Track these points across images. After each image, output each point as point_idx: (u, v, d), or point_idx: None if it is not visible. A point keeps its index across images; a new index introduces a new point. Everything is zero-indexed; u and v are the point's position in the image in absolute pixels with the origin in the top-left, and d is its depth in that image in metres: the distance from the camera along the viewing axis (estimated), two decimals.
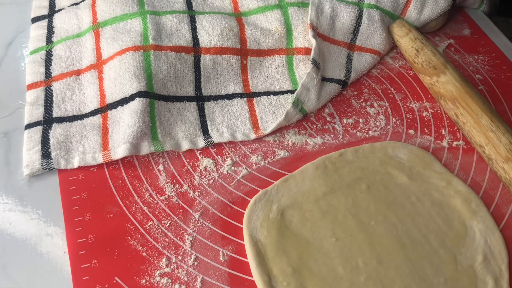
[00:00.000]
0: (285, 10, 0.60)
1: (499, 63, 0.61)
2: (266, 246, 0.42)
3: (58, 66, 0.56)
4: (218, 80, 0.56)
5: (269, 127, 0.52)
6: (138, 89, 0.51)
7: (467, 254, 0.43)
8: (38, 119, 0.52)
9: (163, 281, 0.42)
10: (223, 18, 0.58)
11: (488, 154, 0.49)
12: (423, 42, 0.57)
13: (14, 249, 0.44)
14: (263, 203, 0.45)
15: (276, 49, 0.58)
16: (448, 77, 0.53)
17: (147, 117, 0.50)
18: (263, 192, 0.46)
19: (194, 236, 0.45)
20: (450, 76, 0.53)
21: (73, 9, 0.61)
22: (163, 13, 0.58)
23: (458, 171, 0.50)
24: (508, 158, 0.47)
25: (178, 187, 0.48)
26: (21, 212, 0.46)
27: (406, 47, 0.58)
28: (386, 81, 0.58)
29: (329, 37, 0.59)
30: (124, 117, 0.50)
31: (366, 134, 0.53)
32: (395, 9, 0.61)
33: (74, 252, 0.43)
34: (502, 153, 0.47)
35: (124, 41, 0.55)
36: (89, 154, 0.49)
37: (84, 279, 0.41)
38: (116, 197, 0.47)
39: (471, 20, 0.67)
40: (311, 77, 0.54)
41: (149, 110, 0.51)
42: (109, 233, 0.44)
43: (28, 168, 0.48)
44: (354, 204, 0.45)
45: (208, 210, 0.46)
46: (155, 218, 0.46)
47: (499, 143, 0.47)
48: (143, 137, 0.49)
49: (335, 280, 0.40)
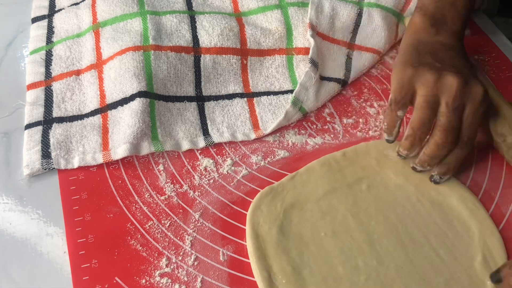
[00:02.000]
0: (285, 10, 0.60)
1: (499, 63, 0.61)
2: (266, 242, 0.42)
3: (58, 66, 0.56)
4: (218, 80, 0.56)
5: (269, 127, 0.52)
6: (138, 89, 0.51)
7: (467, 254, 0.43)
8: (38, 119, 0.52)
9: (163, 281, 0.42)
10: (223, 18, 0.58)
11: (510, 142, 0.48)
12: None
13: (14, 249, 0.44)
14: (269, 199, 0.45)
15: (276, 49, 0.58)
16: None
17: (147, 117, 0.50)
18: (270, 188, 0.46)
19: (194, 236, 0.45)
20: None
21: (73, 9, 0.62)
22: (163, 13, 0.58)
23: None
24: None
25: (178, 187, 0.48)
26: (21, 212, 0.46)
27: None
28: (386, 81, 0.58)
29: (329, 36, 0.59)
30: (124, 117, 0.50)
31: (366, 134, 0.53)
32: (397, 6, 0.61)
33: (74, 252, 0.43)
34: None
35: (124, 41, 0.55)
36: (89, 154, 0.49)
37: (84, 279, 0.41)
38: (116, 197, 0.47)
39: (471, 20, 0.67)
40: (309, 76, 0.54)
41: (149, 110, 0.51)
42: (109, 233, 0.44)
43: (28, 168, 0.48)
44: (354, 204, 0.45)
45: (208, 210, 0.46)
46: (155, 218, 0.46)
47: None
48: (143, 137, 0.49)
49: (335, 280, 0.40)
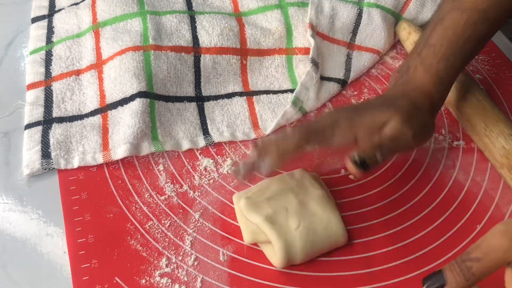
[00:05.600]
0: (285, 10, 0.60)
1: (499, 63, 0.61)
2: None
3: (58, 66, 0.56)
4: (218, 80, 0.56)
5: (269, 127, 0.52)
6: (138, 89, 0.51)
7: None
8: (38, 119, 0.51)
9: (163, 281, 0.42)
10: (223, 18, 0.58)
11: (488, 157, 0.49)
12: None
13: (14, 249, 0.44)
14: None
15: (276, 49, 0.58)
16: None
17: (147, 117, 0.50)
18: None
19: (194, 236, 0.45)
20: None
21: (73, 9, 0.61)
22: (163, 13, 0.58)
23: (458, 171, 0.50)
24: (503, 164, 0.47)
25: (178, 187, 0.48)
26: (21, 212, 0.46)
27: (409, 50, 0.58)
28: (386, 81, 0.58)
29: (329, 36, 0.59)
30: (124, 117, 0.50)
31: None
32: (396, 7, 0.61)
33: (74, 252, 0.43)
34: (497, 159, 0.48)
35: (124, 41, 0.55)
36: (89, 154, 0.49)
37: (84, 279, 0.41)
38: (116, 197, 0.47)
39: None
40: (310, 76, 0.54)
41: (149, 110, 0.51)
42: (109, 233, 0.44)
43: (28, 168, 0.48)
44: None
45: (208, 210, 0.46)
46: (155, 218, 0.46)
47: (493, 148, 0.48)
48: (143, 137, 0.49)
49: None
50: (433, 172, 0.50)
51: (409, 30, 0.59)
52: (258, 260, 0.43)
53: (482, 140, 0.49)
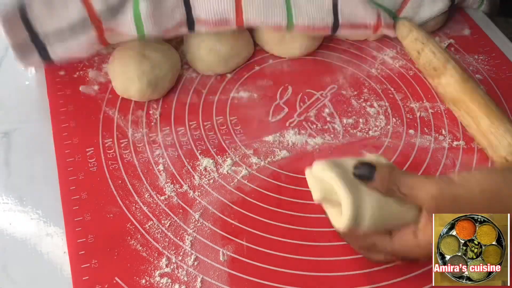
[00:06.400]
0: None
1: (499, 63, 0.61)
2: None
3: None
4: None
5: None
6: None
7: None
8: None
9: (163, 281, 0.42)
10: None
11: (491, 156, 0.49)
12: (424, 42, 0.56)
13: (14, 249, 0.44)
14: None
15: None
16: (447, 79, 0.53)
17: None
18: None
19: (194, 236, 0.45)
20: (449, 77, 0.53)
21: None
22: None
23: (458, 171, 0.50)
24: (508, 161, 0.47)
25: (178, 187, 0.48)
26: (21, 212, 0.46)
27: (408, 48, 0.58)
28: (386, 81, 0.58)
29: None
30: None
31: (366, 134, 0.53)
32: (393, 6, 0.61)
33: (74, 252, 0.43)
34: (502, 155, 0.47)
35: None
36: None
37: (84, 279, 0.41)
38: (116, 197, 0.47)
39: (471, 20, 0.67)
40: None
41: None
42: (109, 233, 0.44)
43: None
44: None
45: (208, 210, 0.46)
46: (155, 218, 0.46)
47: (499, 145, 0.47)
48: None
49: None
50: (433, 172, 0.50)
51: (409, 28, 0.58)
52: (258, 260, 0.43)
53: (486, 137, 0.49)
